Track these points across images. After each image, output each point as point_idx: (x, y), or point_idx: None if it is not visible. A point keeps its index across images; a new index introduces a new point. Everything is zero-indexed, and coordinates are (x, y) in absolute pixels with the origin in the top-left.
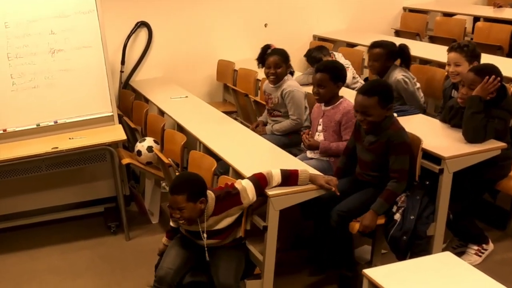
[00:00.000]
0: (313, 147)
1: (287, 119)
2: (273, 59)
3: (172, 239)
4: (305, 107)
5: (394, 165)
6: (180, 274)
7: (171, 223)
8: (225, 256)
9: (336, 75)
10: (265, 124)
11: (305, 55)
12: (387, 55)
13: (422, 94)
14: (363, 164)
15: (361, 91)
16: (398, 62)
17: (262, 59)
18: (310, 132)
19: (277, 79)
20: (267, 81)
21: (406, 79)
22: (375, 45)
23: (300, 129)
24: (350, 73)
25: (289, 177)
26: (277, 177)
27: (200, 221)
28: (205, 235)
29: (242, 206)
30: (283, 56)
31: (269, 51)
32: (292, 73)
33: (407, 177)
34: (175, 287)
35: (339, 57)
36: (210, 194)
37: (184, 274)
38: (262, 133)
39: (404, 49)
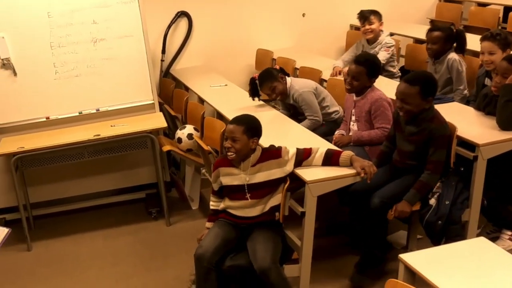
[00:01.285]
0: (346, 143)
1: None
2: (267, 88)
3: (213, 221)
4: (323, 98)
5: (432, 157)
6: (219, 255)
7: (211, 206)
8: (262, 240)
9: (373, 70)
10: None
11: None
12: (445, 39)
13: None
14: (402, 153)
15: (405, 79)
16: None
17: (254, 91)
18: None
19: (283, 96)
20: None
21: (460, 61)
22: (434, 28)
23: (333, 117)
24: (390, 53)
25: (332, 156)
26: (320, 153)
27: (244, 168)
28: (248, 178)
29: (280, 161)
30: (269, 77)
31: (256, 81)
32: (288, 75)
33: (441, 170)
34: (214, 268)
35: (386, 33)
36: (259, 147)
37: (223, 256)
38: None
39: (461, 33)
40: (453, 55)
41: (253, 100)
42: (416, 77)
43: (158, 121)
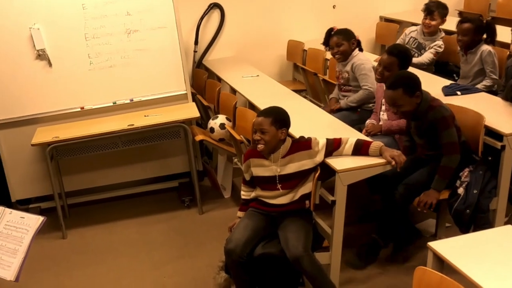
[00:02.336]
0: (376, 132)
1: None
2: (334, 40)
3: (244, 211)
4: None
5: (442, 140)
6: (250, 246)
7: (242, 196)
8: (293, 228)
9: (405, 62)
10: (337, 100)
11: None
12: (475, 30)
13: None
14: (419, 146)
15: (387, 86)
16: None
17: (327, 42)
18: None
19: (343, 57)
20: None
21: (493, 52)
22: (464, 20)
23: (370, 107)
24: (435, 57)
25: (362, 147)
26: (349, 144)
27: (274, 160)
28: (279, 169)
29: (310, 152)
30: (343, 34)
31: (332, 33)
32: (361, 49)
33: (457, 148)
34: (245, 259)
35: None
36: (288, 138)
37: (254, 245)
38: (336, 108)
39: (490, 24)
40: (486, 47)
41: (325, 49)
42: (395, 81)
43: (191, 111)
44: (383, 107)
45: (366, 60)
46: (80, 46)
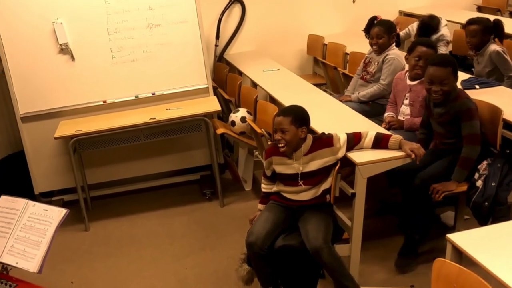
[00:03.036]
0: (398, 127)
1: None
2: (375, 31)
3: (265, 204)
4: None
5: (464, 131)
6: (271, 239)
7: (263, 189)
8: (313, 220)
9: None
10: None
11: (419, 26)
12: (483, 31)
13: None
14: (438, 135)
15: (435, 63)
16: None
17: (368, 30)
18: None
19: (380, 49)
20: (370, 49)
21: (503, 51)
22: (471, 22)
23: (382, 102)
24: (446, 30)
25: (381, 140)
26: (369, 137)
27: (296, 158)
28: (301, 167)
29: (333, 150)
30: (385, 27)
31: (375, 22)
32: (398, 44)
33: (479, 141)
34: (266, 251)
35: (444, 22)
36: (309, 135)
37: (275, 238)
38: (345, 100)
39: (498, 24)
40: (494, 47)
41: (365, 36)
42: (445, 59)
43: (212, 104)
44: (406, 101)
45: (400, 57)
46: (103, 40)
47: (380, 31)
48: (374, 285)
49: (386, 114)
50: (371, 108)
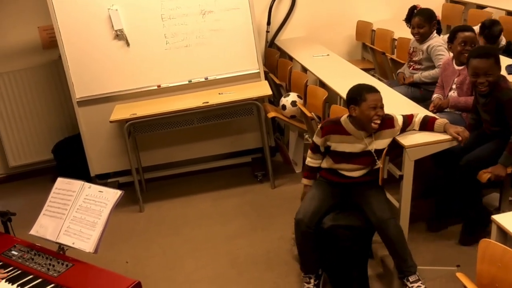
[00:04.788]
0: (443, 107)
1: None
2: (416, 21)
3: (310, 178)
4: None
5: (510, 120)
6: (317, 216)
7: (309, 163)
8: (374, 195)
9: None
10: (404, 75)
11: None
12: None
13: None
14: (485, 121)
15: (478, 56)
16: None
17: (409, 19)
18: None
19: (422, 38)
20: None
21: None
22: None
23: (432, 86)
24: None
25: (427, 123)
26: (418, 119)
27: (362, 136)
28: (373, 148)
29: (394, 131)
30: (426, 16)
31: (415, 11)
32: (439, 32)
33: None
34: (313, 229)
35: None
36: None
37: (322, 216)
38: (409, 81)
39: None
40: None
41: (407, 26)
42: (487, 51)
43: (263, 89)
44: (455, 85)
45: (442, 43)
46: (157, 26)
47: (421, 21)
48: (421, 265)
49: (434, 96)
50: (422, 95)
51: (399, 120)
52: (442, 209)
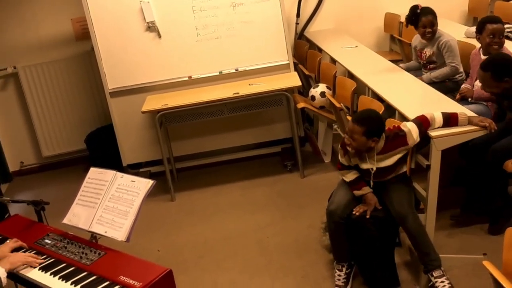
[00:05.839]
0: (468, 96)
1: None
2: (430, 19)
3: (364, 186)
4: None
5: None
6: (350, 208)
7: (347, 178)
8: (397, 188)
9: None
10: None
11: None
12: None
13: None
14: (510, 114)
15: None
16: None
17: (411, 19)
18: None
19: (433, 36)
20: (414, 38)
21: None
22: None
23: (457, 78)
24: None
25: (449, 119)
26: (438, 120)
27: (369, 157)
28: (374, 167)
29: (408, 147)
30: (434, 13)
31: (418, 11)
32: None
33: None
34: (345, 221)
35: None
36: (383, 135)
37: (353, 208)
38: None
39: None
40: None
41: (406, 27)
42: (487, 63)
43: (293, 80)
44: None
45: (451, 37)
46: (188, 18)
47: (433, 19)
48: (448, 253)
49: (462, 85)
50: (447, 87)
51: (413, 133)
52: (470, 199)
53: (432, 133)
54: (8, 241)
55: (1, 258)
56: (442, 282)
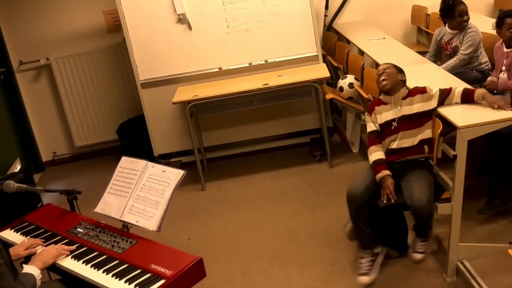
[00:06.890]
0: (493, 88)
1: None
2: (465, 8)
3: (386, 169)
4: (481, 47)
5: None
6: (369, 192)
7: (374, 157)
8: (417, 180)
9: None
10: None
11: None
12: None
13: None
14: None
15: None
16: None
17: (445, 11)
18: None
19: (465, 25)
20: (439, 29)
21: None
22: None
23: (483, 68)
24: None
25: (468, 94)
26: (458, 92)
27: (395, 101)
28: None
29: (426, 96)
30: (464, 4)
31: (450, 2)
32: None
33: None
34: (365, 205)
35: None
36: (405, 87)
37: (373, 192)
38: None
39: None
40: None
41: (444, 22)
42: None
43: (321, 71)
44: (504, 67)
45: (478, 29)
46: (218, 10)
47: (467, 8)
48: (473, 241)
49: (488, 78)
50: (475, 77)
51: (434, 89)
52: (495, 189)
53: (459, 123)
54: (25, 240)
55: (31, 255)
56: (423, 246)
